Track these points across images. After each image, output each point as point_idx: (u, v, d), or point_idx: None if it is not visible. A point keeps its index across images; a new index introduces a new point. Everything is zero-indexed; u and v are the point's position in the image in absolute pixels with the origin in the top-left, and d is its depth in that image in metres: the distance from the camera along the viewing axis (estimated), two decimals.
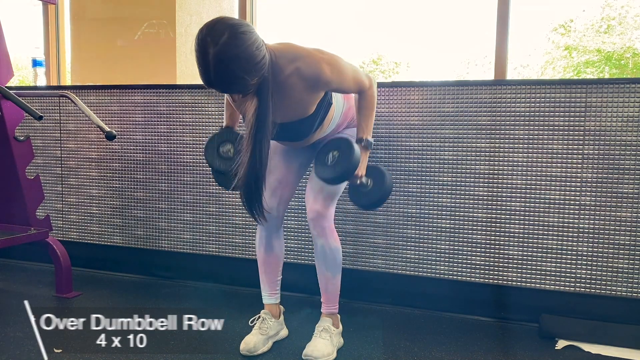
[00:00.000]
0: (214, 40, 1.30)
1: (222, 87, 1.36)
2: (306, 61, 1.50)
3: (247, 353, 1.73)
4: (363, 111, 1.67)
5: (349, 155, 1.56)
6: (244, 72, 1.33)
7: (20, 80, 5.38)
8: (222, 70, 1.31)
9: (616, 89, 1.90)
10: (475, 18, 3.89)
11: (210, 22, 1.34)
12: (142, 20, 3.16)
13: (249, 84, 1.36)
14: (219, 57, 1.30)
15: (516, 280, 2.06)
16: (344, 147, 1.59)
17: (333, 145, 1.63)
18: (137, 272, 2.63)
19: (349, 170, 1.57)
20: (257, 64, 1.36)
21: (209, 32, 1.31)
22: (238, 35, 1.31)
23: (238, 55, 1.31)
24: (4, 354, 1.71)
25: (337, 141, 1.64)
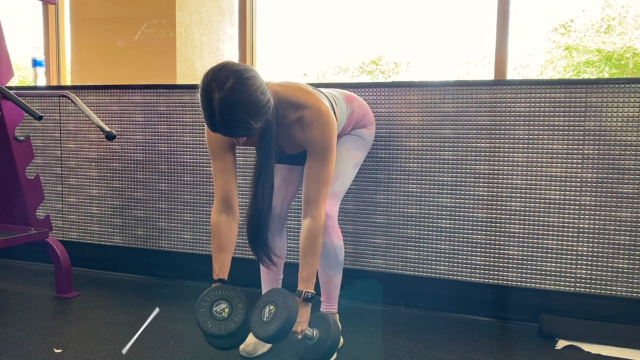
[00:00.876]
0: (219, 85, 1.31)
1: (226, 130, 1.37)
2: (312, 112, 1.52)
3: (246, 354, 1.73)
4: (307, 255, 1.55)
5: (284, 311, 1.43)
6: (249, 116, 1.34)
7: (20, 80, 5.38)
8: (227, 115, 1.32)
9: (616, 89, 1.90)
10: (475, 18, 3.89)
11: (215, 68, 1.36)
12: (142, 20, 3.16)
13: (253, 127, 1.37)
14: (224, 102, 1.31)
15: (516, 280, 2.06)
16: (279, 302, 1.46)
17: (269, 298, 1.50)
18: (137, 272, 2.63)
19: (285, 329, 1.43)
20: (262, 108, 1.37)
21: (214, 77, 1.33)
22: (243, 80, 1.33)
23: (243, 100, 1.32)
24: (4, 354, 1.71)
25: (272, 294, 1.51)
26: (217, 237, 1.60)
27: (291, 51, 4.67)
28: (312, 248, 1.55)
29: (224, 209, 1.60)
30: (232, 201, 1.60)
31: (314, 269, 1.57)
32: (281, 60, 4.27)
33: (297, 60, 4.81)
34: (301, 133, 1.54)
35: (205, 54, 3.23)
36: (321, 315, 1.65)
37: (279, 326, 1.43)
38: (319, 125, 1.52)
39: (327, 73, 5.48)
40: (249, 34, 2.89)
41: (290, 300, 1.46)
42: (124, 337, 1.87)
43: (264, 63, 3.01)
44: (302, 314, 1.52)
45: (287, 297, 1.47)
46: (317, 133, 1.52)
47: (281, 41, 4.31)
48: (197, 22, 3.19)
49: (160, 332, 1.93)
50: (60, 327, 1.97)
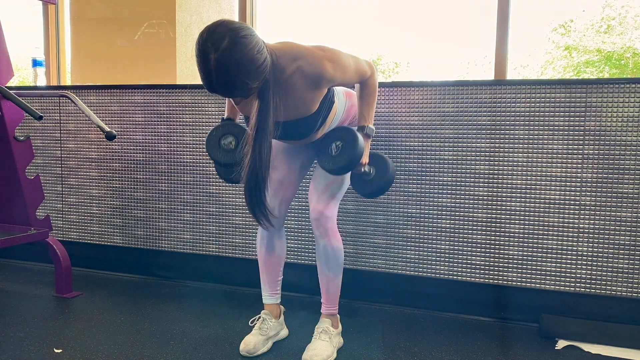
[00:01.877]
0: (215, 45, 1.29)
1: (224, 91, 1.36)
2: (308, 60, 1.50)
3: (246, 354, 1.73)
4: (365, 99, 1.68)
5: (352, 144, 1.58)
6: (246, 76, 1.33)
7: (20, 80, 5.38)
8: (224, 76, 1.31)
9: (616, 89, 1.90)
10: (475, 18, 3.89)
11: (210, 26, 1.33)
12: (142, 20, 3.16)
13: (250, 87, 1.36)
14: (220, 62, 1.29)
15: (516, 280, 2.06)
16: (347, 137, 1.60)
17: (336, 136, 1.64)
18: (137, 272, 2.63)
19: (354, 160, 1.58)
20: (258, 67, 1.36)
21: (210, 36, 1.31)
22: (239, 39, 1.31)
23: (239, 60, 1.31)
24: (4, 354, 1.71)
25: (339, 131, 1.64)
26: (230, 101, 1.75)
27: None
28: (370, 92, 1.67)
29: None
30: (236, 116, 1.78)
31: (373, 108, 1.69)
32: None
33: None
34: (303, 84, 1.51)
35: None
36: (380, 155, 1.77)
37: (348, 158, 1.57)
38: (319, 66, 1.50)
39: None
40: None
41: (357, 135, 1.59)
42: (124, 337, 1.87)
43: None
44: (365, 147, 1.64)
45: (353, 133, 1.59)
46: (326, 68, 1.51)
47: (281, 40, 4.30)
48: (197, 22, 3.19)
49: (160, 332, 1.93)
50: (60, 327, 1.97)
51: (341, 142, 1.60)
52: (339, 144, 1.61)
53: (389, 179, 1.75)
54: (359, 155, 1.59)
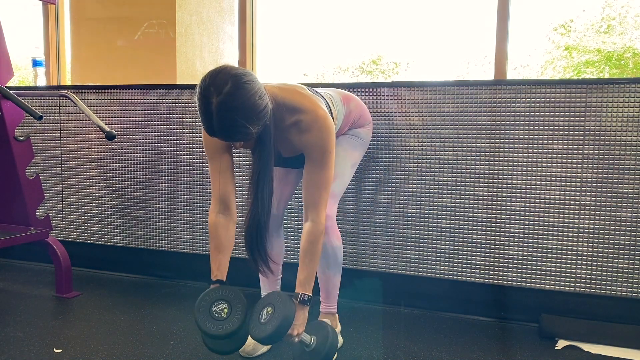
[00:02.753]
0: (217, 89, 1.30)
1: (224, 135, 1.36)
2: (308, 118, 1.51)
3: (246, 355, 1.73)
4: (305, 256, 1.54)
5: (281, 313, 1.43)
6: (247, 121, 1.33)
7: (20, 80, 5.38)
8: (225, 120, 1.31)
9: (616, 89, 1.90)
10: (475, 18, 3.89)
11: (213, 71, 1.34)
12: (142, 20, 3.15)
13: (251, 132, 1.36)
14: (222, 106, 1.30)
15: (516, 280, 2.06)
16: (277, 304, 1.46)
17: (267, 301, 1.51)
18: (137, 272, 2.63)
19: (281, 330, 1.43)
20: (259, 112, 1.36)
21: (212, 81, 1.32)
22: (242, 85, 1.32)
23: (241, 105, 1.32)
24: (4, 354, 1.71)
25: (271, 296, 1.51)
26: (215, 238, 1.59)
27: (291, 51, 4.67)
28: (312, 251, 1.54)
29: (222, 210, 1.60)
30: (229, 202, 1.59)
31: (312, 272, 1.56)
32: (281, 60, 4.27)
33: (297, 61, 4.81)
34: (298, 137, 1.54)
35: (205, 54, 3.23)
36: (320, 323, 1.65)
37: (275, 327, 1.42)
38: (316, 130, 1.51)
39: (326, 73, 5.47)
40: (249, 34, 2.89)
41: (287, 302, 1.45)
42: (124, 337, 1.87)
43: (263, 63, 3.01)
44: (299, 316, 1.51)
45: (285, 299, 1.47)
46: (314, 137, 1.51)
47: (281, 41, 4.31)
48: (197, 22, 3.19)
49: (160, 332, 1.93)
50: (60, 327, 1.97)
51: (272, 308, 1.46)
52: (269, 310, 1.47)
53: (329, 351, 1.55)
54: (286, 326, 1.43)
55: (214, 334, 1.45)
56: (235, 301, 1.49)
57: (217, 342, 1.52)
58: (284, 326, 1.43)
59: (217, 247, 1.59)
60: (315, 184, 1.54)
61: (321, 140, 1.51)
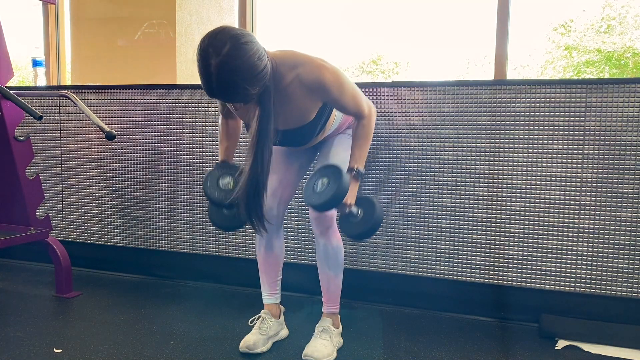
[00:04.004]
0: (216, 50, 1.30)
1: (224, 96, 1.37)
2: (307, 67, 1.50)
3: (246, 349, 1.73)
4: (358, 140, 1.65)
5: (338, 183, 1.52)
6: (246, 82, 1.33)
7: (20, 80, 5.38)
8: (225, 81, 1.32)
9: (616, 89, 1.90)
10: (475, 18, 3.89)
11: (212, 32, 1.34)
12: (142, 20, 3.16)
13: (250, 93, 1.36)
14: (221, 67, 1.30)
15: (516, 280, 2.06)
16: (333, 175, 1.55)
17: (323, 172, 1.59)
18: (137, 272, 2.63)
19: (337, 198, 1.53)
20: (259, 73, 1.36)
21: (211, 42, 1.32)
22: (240, 45, 1.32)
23: (240, 65, 1.31)
24: (4, 354, 1.71)
25: (327, 168, 1.60)
26: (225, 127, 1.74)
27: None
28: (364, 134, 1.65)
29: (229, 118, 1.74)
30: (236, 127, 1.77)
31: (365, 150, 1.66)
32: None
33: None
34: (302, 93, 1.52)
35: None
36: (369, 198, 1.72)
37: (331, 195, 1.51)
38: (321, 75, 1.49)
39: None
40: None
41: (344, 174, 1.54)
42: (124, 337, 1.87)
43: None
44: (352, 188, 1.60)
45: (341, 171, 1.55)
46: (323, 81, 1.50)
47: (281, 41, 4.30)
48: (197, 22, 3.19)
49: (160, 332, 1.93)
50: (60, 327, 1.97)
51: (327, 179, 1.56)
52: (325, 180, 1.56)
53: (375, 223, 1.68)
54: (342, 195, 1.53)
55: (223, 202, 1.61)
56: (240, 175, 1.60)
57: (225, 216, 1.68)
58: (340, 195, 1.53)
59: (226, 134, 1.74)
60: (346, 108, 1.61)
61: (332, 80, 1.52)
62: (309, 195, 1.59)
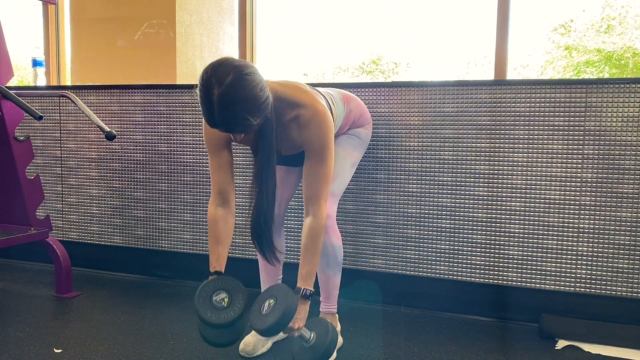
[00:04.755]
0: (218, 80, 1.30)
1: (225, 126, 1.37)
2: (308, 112, 1.51)
3: (245, 355, 1.73)
4: (307, 252, 1.55)
5: (283, 305, 1.44)
6: (248, 112, 1.34)
7: (20, 80, 5.38)
8: (227, 111, 1.32)
9: (616, 89, 1.90)
10: (475, 18, 3.89)
11: (214, 63, 1.35)
12: (142, 20, 3.16)
13: (252, 124, 1.37)
14: (223, 97, 1.30)
15: (516, 280, 2.06)
16: (279, 296, 1.47)
17: (269, 293, 1.51)
18: (137, 272, 2.63)
19: (282, 323, 1.44)
20: (261, 104, 1.36)
21: (214, 72, 1.32)
22: (243, 76, 1.32)
23: (243, 96, 1.32)
24: (4, 354, 1.71)
25: (274, 289, 1.52)
26: (214, 230, 1.61)
27: (291, 51, 4.67)
28: (313, 246, 1.55)
29: (221, 203, 1.61)
30: (228, 195, 1.61)
31: (314, 267, 1.58)
32: (281, 60, 4.27)
33: (297, 60, 4.81)
34: (297, 132, 1.54)
35: (205, 54, 3.23)
36: (320, 319, 1.65)
37: (276, 319, 1.43)
38: (315, 125, 1.51)
39: (326, 73, 5.47)
40: (249, 34, 2.89)
41: (289, 295, 1.47)
42: (124, 337, 1.87)
43: (264, 63, 3.01)
44: (300, 310, 1.52)
45: (287, 292, 1.48)
46: (314, 133, 1.52)
47: (281, 41, 4.31)
48: (197, 22, 3.19)
49: (160, 332, 1.93)
50: (60, 327, 1.97)
51: (274, 301, 1.47)
52: (271, 302, 1.48)
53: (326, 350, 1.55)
54: (287, 318, 1.44)
55: (216, 323, 1.45)
56: (235, 290, 1.50)
57: (217, 332, 1.53)
58: (286, 319, 1.44)
59: (216, 239, 1.61)
60: (315, 178, 1.55)
61: (320, 135, 1.52)
62: (254, 318, 1.48)
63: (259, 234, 1.59)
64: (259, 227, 1.57)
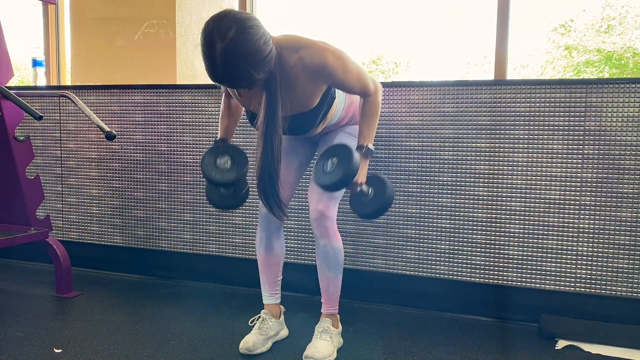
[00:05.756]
0: (221, 34, 1.28)
1: (229, 81, 1.36)
2: (310, 50, 1.49)
3: (245, 351, 1.73)
4: (365, 118, 1.64)
5: (348, 161, 1.51)
6: (252, 67, 1.32)
7: (20, 80, 5.38)
8: (230, 65, 1.30)
9: (616, 89, 1.90)
10: (475, 18, 3.89)
11: (217, 16, 1.32)
12: (142, 20, 3.16)
13: (255, 79, 1.35)
14: (226, 52, 1.28)
15: (516, 280, 2.06)
16: (343, 154, 1.54)
17: (332, 152, 1.58)
18: (137, 272, 2.63)
19: (348, 177, 1.52)
20: (264, 58, 1.34)
21: (216, 26, 1.29)
22: (245, 29, 1.30)
23: (245, 50, 1.30)
24: (4, 354, 1.71)
25: (336, 148, 1.58)
26: (227, 105, 1.72)
27: None
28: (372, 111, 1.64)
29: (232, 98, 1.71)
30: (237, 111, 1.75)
31: (374, 127, 1.66)
32: None
33: None
34: (305, 76, 1.50)
35: None
36: (379, 176, 1.71)
37: (342, 175, 1.50)
38: (324, 58, 1.48)
39: None
40: None
41: (354, 153, 1.52)
42: (124, 337, 1.87)
43: None
44: (363, 166, 1.60)
45: (350, 150, 1.53)
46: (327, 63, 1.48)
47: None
48: (197, 22, 3.19)
49: (160, 332, 1.93)
50: (60, 327, 1.97)
51: (337, 159, 1.54)
52: (334, 160, 1.54)
53: (387, 200, 1.67)
54: (353, 172, 1.52)
55: (220, 181, 1.57)
56: (237, 155, 1.61)
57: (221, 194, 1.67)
58: (350, 175, 1.51)
59: (227, 113, 1.72)
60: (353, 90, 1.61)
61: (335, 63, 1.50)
62: (318, 175, 1.57)
63: (266, 188, 1.56)
64: (266, 181, 1.55)
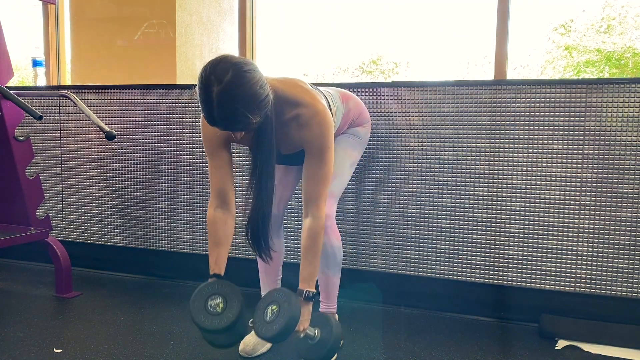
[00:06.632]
0: (218, 78, 1.29)
1: (225, 124, 1.36)
2: (308, 112, 1.50)
3: (245, 355, 1.73)
4: (308, 254, 1.55)
5: (287, 310, 1.43)
6: (248, 110, 1.33)
7: (20, 80, 5.38)
8: (226, 109, 1.31)
9: (616, 89, 1.90)
10: (475, 18, 3.89)
11: (214, 60, 1.34)
12: (142, 20, 3.16)
13: (251, 122, 1.35)
14: (222, 95, 1.29)
15: (516, 280, 2.06)
16: (282, 301, 1.46)
17: (271, 298, 1.50)
18: (137, 272, 2.63)
19: (289, 327, 1.43)
20: (260, 102, 1.36)
21: (213, 70, 1.31)
22: (242, 73, 1.31)
23: (242, 93, 1.31)
24: (4, 354, 1.71)
25: (274, 294, 1.51)
26: (213, 232, 1.60)
27: (291, 51, 4.67)
28: (313, 247, 1.55)
29: (220, 204, 1.60)
30: (227, 197, 1.60)
31: (315, 268, 1.58)
32: (281, 60, 4.27)
33: (297, 60, 4.81)
34: (297, 132, 1.53)
35: (205, 54, 3.23)
36: (323, 315, 1.65)
37: (282, 325, 1.42)
38: (315, 125, 1.50)
39: (326, 73, 5.47)
40: (249, 34, 2.89)
41: (293, 299, 1.46)
42: (124, 337, 1.87)
43: (264, 63, 3.01)
44: (304, 312, 1.52)
45: (289, 296, 1.47)
46: (314, 132, 1.51)
47: (281, 41, 4.31)
48: (197, 22, 3.19)
49: (160, 332, 1.93)
50: (60, 327, 1.97)
51: (277, 306, 1.46)
52: (274, 308, 1.46)
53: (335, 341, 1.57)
54: (294, 321, 1.44)
55: (208, 329, 1.44)
56: (231, 296, 1.47)
57: (213, 335, 1.51)
58: (291, 324, 1.43)
59: (216, 241, 1.60)
60: (314, 179, 1.54)
61: (320, 136, 1.51)
62: (260, 324, 1.47)
63: (255, 233, 1.57)
64: (256, 226, 1.56)
